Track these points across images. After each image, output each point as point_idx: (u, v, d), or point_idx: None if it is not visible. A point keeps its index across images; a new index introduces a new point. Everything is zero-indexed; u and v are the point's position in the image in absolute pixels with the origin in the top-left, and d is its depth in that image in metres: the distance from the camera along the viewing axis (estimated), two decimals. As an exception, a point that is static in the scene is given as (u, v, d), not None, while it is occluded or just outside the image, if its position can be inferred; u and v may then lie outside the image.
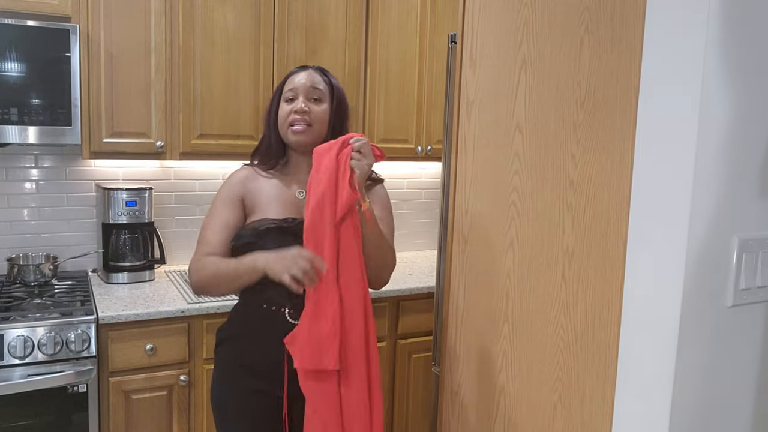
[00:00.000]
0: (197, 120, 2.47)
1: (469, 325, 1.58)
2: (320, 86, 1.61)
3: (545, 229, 1.32)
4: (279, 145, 1.65)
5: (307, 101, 1.59)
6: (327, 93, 1.63)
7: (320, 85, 1.62)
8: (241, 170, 1.69)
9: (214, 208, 1.64)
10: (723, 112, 1.01)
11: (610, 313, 1.17)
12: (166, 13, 2.37)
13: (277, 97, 1.65)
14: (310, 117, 1.59)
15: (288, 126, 1.59)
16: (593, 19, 1.19)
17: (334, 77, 1.67)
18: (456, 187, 1.63)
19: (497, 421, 1.49)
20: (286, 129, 1.60)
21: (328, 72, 1.67)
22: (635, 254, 1.11)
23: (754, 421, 1.15)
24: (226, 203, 1.62)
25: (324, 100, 1.62)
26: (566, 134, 1.26)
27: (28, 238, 2.57)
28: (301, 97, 1.59)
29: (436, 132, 2.95)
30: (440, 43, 2.89)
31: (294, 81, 1.62)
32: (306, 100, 1.59)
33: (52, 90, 2.17)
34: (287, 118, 1.59)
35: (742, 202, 1.06)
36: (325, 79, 1.64)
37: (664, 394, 1.05)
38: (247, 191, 1.63)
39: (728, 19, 0.99)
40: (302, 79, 1.61)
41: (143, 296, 2.32)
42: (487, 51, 1.49)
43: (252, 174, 1.66)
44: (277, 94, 1.66)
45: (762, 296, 1.10)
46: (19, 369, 1.98)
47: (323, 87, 1.62)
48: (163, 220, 2.74)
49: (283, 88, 1.64)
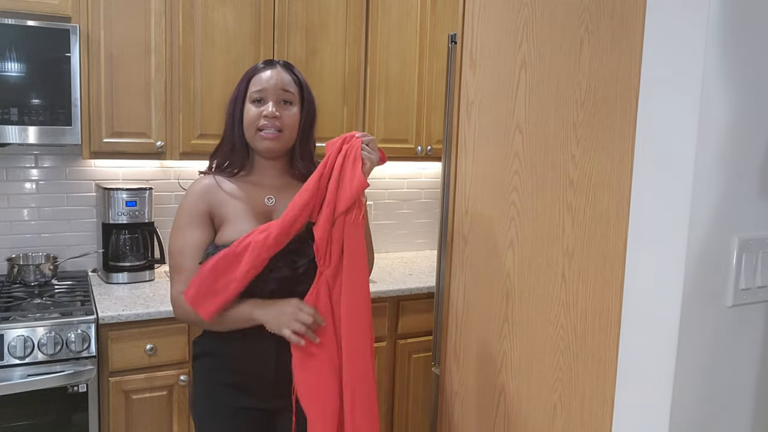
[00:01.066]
0: (197, 120, 2.47)
1: (469, 325, 1.58)
2: (291, 88, 1.49)
3: (545, 229, 1.32)
4: (243, 149, 1.52)
5: (277, 104, 1.47)
6: (297, 95, 1.51)
7: (291, 86, 1.50)
8: (200, 181, 1.54)
9: (180, 227, 1.49)
10: (723, 112, 1.01)
11: (610, 313, 1.17)
12: (166, 13, 2.37)
13: (242, 97, 1.50)
14: (281, 122, 1.47)
15: (256, 130, 1.47)
16: (593, 19, 1.19)
17: (301, 74, 1.56)
18: (456, 187, 1.63)
19: (497, 421, 1.49)
20: (253, 133, 1.48)
21: (295, 68, 1.55)
22: (635, 254, 1.11)
23: (754, 421, 1.15)
24: (194, 222, 1.48)
25: (294, 103, 1.50)
26: (566, 134, 1.26)
27: (28, 238, 2.57)
28: (270, 101, 1.47)
29: (436, 132, 2.94)
30: (440, 43, 2.89)
31: (262, 80, 1.48)
32: (276, 104, 1.47)
33: (52, 90, 2.17)
34: (255, 122, 1.47)
35: (742, 202, 1.06)
36: (294, 79, 1.52)
37: (664, 394, 1.05)
38: (213, 205, 1.49)
39: (728, 19, 0.99)
40: (272, 80, 1.48)
41: (143, 296, 2.32)
42: (487, 51, 1.49)
43: (213, 184, 1.52)
44: (241, 93, 1.51)
45: (762, 296, 1.10)
46: (19, 369, 1.98)
47: (293, 89, 1.50)
48: (163, 220, 2.74)
49: (248, 87, 1.50)
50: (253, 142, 1.50)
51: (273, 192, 1.53)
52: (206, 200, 1.50)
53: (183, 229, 1.48)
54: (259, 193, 1.52)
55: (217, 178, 1.53)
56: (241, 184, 1.53)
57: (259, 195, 1.51)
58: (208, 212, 1.49)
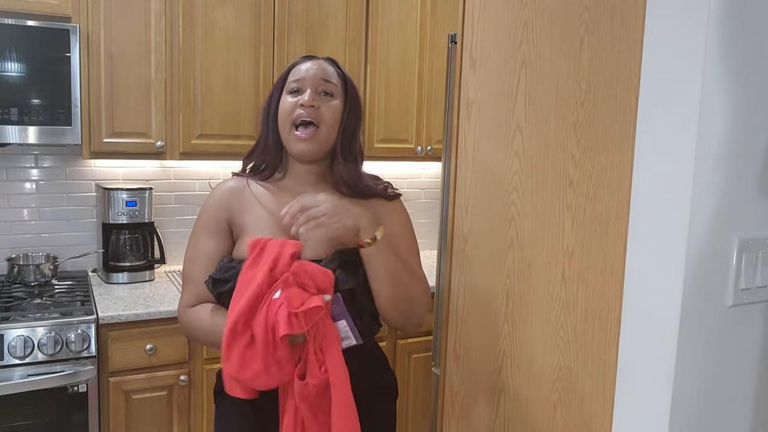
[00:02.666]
0: (197, 120, 2.47)
1: (469, 325, 1.58)
2: (332, 79, 1.34)
3: (545, 229, 1.32)
4: (277, 148, 1.38)
5: (316, 94, 1.31)
6: (340, 87, 1.36)
7: (332, 77, 1.34)
8: (225, 183, 1.41)
9: (195, 233, 1.37)
10: (723, 112, 1.01)
11: (610, 313, 1.17)
12: (166, 13, 2.38)
13: (279, 90, 1.37)
14: (318, 115, 1.31)
15: (291, 126, 1.32)
16: (593, 19, 1.19)
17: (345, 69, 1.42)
18: (456, 187, 1.62)
19: (497, 421, 1.49)
20: (288, 128, 1.32)
21: (339, 64, 1.41)
22: (635, 254, 1.11)
23: (754, 420, 1.15)
24: (209, 230, 1.35)
25: (336, 96, 1.34)
26: (566, 134, 1.26)
27: (28, 238, 2.57)
28: (309, 90, 1.31)
29: (436, 132, 2.95)
30: (440, 43, 2.89)
31: (300, 70, 1.34)
32: (314, 93, 1.31)
33: (52, 90, 2.17)
34: (291, 112, 1.31)
35: (742, 202, 1.06)
36: (338, 71, 1.37)
37: (664, 394, 1.05)
38: (233, 212, 1.35)
39: (728, 19, 0.99)
40: (311, 69, 1.33)
41: (143, 296, 2.32)
42: (487, 51, 1.49)
43: (239, 187, 1.38)
44: (278, 86, 1.38)
45: (762, 296, 1.10)
46: (19, 369, 1.98)
47: (336, 80, 1.35)
48: (163, 220, 2.74)
49: (286, 79, 1.36)
50: (287, 142, 1.34)
51: None
52: (227, 206, 1.36)
53: (198, 236, 1.37)
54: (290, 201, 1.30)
55: (248, 181, 1.39)
56: (272, 189, 1.37)
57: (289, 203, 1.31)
58: (226, 220, 1.35)
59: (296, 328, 1.13)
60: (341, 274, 1.25)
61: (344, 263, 1.27)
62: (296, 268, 1.18)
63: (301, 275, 1.18)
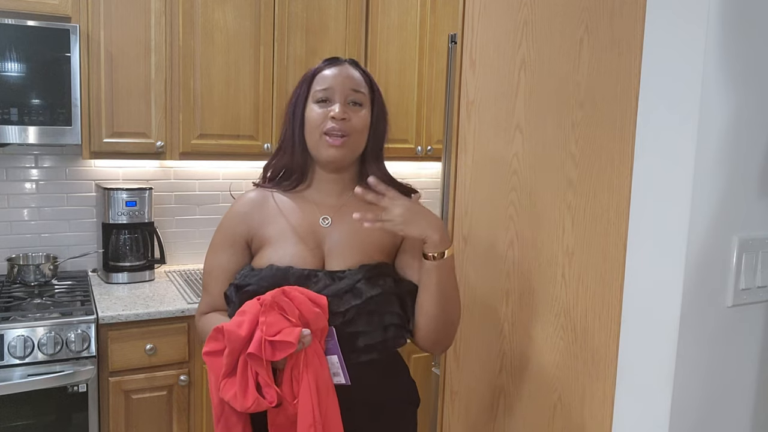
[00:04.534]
0: (197, 120, 2.47)
1: (469, 326, 1.58)
2: (361, 88, 1.31)
3: (545, 229, 1.32)
4: (304, 157, 1.32)
5: (345, 105, 1.28)
6: (368, 95, 1.33)
7: (361, 86, 1.31)
8: (246, 195, 1.36)
9: (214, 246, 1.36)
10: (723, 112, 1.01)
11: (610, 313, 1.17)
12: (166, 13, 2.38)
13: (304, 97, 1.31)
14: (349, 126, 1.27)
15: (321, 134, 1.27)
16: (593, 19, 1.19)
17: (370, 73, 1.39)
18: (456, 187, 1.62)
19: (497, 421, 1.49)
20: (317, 138, 1.27)
21: (364, 68, 1.38)
22: (635, 254, 1.11)
23: (754, 420, 1.15)
24: (226, 245, 1.33)
25: (364, 105, 1.31)
26: (566, 134, 1.26)
27: (28, 238, 2.57)
28: (338, 101, 1.27)
29: (436, 132, 2.94)
30: (440, 43, 2.89)
31: (327, 78, 1.29)
32: (343, 104, 1.28)
33: (52, 90, 2.17)
34: (321, 123, 1.26)
35: (742, 202, 1.06)
36: (365, 79, 1.34)
37: (664, 394, 1.05)
38: (255, 226, 1.32)
39: (728, 19, 0.99)
40: (339, 77, 1.29)
41: (143, 296, 2.32)
42: (487, 51, 1.49)
43: (260, 198, 1.34)
44: (302, 93, 1.32)
45: (762, 296, 1.10)
46: (19, 369, 1.98)
47: (364, 89, 1.32)
48: (163, 220, 2.74)
49: (311, 85, 1.31)
50: (316, 149, 1.29)
51: (331, 212, 1.32)
52: (247, 221, 1.33)
53: (216, 249, 1.35)
54: (315, 212, 1.31)
55: (272, 193, 1.35)
56: (295, 199, 1.34)
57: (314, 214, 1.31)
58: (245, 237, 1.33)
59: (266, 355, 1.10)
60: (364, 285, 1.23)
61: (370, 277, 1.25)
62: (276, 294, 1.15)
63: (282, 302, 1.14)
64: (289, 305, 1.14)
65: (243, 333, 1.12)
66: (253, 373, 1.12)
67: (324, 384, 1.15)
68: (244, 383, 1.12)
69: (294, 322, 1.13)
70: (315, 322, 1.15)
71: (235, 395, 1.12)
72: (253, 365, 1.12)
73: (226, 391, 1.14)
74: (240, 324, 1.13)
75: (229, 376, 1.14)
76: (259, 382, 1.13)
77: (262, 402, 1.12)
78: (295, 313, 1.14)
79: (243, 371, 1.13)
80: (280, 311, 1.14)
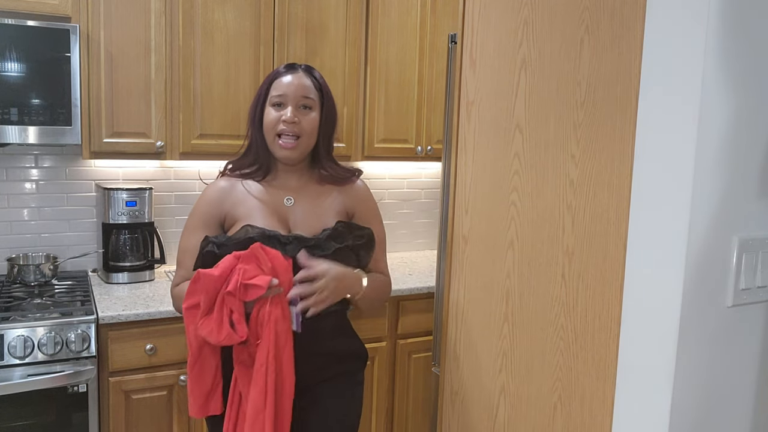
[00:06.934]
0: (197, 120, 2.47)
1: (469, 325, 1.58)
2: (311, 94, 1.53)
3: (545, 229, 1.32)
4: (266, 153, 1.57)
5: (296, 110, 1.51)
6: (317, 100, 1.55)
7: (311, 92, 1.54)
8: (216, 184, 1.58)
9: (188, 228, 1.56)
10: (723, 112, 1.01)
11: (610, 313, 1.17)
12: (166, 13, 2.38)
13: (262, 100, 1.55)
14: (299, 128, 1.51)
15: (275, 135, 1.52)
16: (593, 19, 1.19)
17: (322, 77, 1.60)
18: (456, 187, 1.63)
19: (497, 421, 1.49)
20: (272, 138, 1.52)
21: (316, 72, 1.59)
22: (635, 254, 1.11)
23: (754, 420, 1.15)
24: (201, 225, 1.53)
25: (314, 108, 1.54)
26: (566, 134, 1.26)
27: (28, 238, 2.57)
28: (290, 105, 1.51)
29: (436, 132, 2.95)
30: (440, 43, 2.89)
31: (282, 85, 1.52)
32: (295, 109, 1.51)
33: (52, 90, 2.17)
34: (275, 125, 1.51)
35: (742, 202, 1.06)
36: (315, 83, 1.56)
37: (664, 394, 1.05)
38: (227, 209, 1.54)
39: (728, 19, 0.99)
40: (291, 85, 1.52)
41: (143, 296, 2.32)
42: (487, 51, 1.49)
43: (229, 185, 1.56)
44: (262, 96, 1.56)
45: (762, 296, 1.10)
46: (19, 369, 1.98)
47: (313, 94, 1.54)
48: (163, 220, 2.74)
49: (269, 91, 1.54)
50: (272, 148, 1.54)
51: (292, 193, 1.57)
52: (219, 205, 1.54)
53: (190, 230, 1.55)
54: (279, 194, 1.56)
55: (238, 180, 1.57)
56: (262, 184, 1.57)
57: (279, 195, 1.55)
58: (217, 218, 1.54)
59: (239, 295, 1.33)
60: (329, 242, 1.48)
61: (333, 236, 1.50)
62: (255, 247, 1.37)
63: (258, 254, 1.36)
64: (263, 258, 1.37)
65: (216, 273, 1.34)
66: (228, 311, 1.34)
67: (283, 331, 1.37)
68: (219, 320, 1.34)
69: (265, 272, 1.36)
70: (284, 274, 1.37)
71: (211, 330, 1.34)
72: (229, 303, 1.34)
73: (203, 327, 1.35)
74: (215, 269, 1.36)
75: (206, 316, 1.36)
76: (233, 320, 1.34)
77: (233, 335, 1.34)
78: (268, 265, 1.37)
79: (219, 309, 1.35)
80: (256, 262, 1.36)
